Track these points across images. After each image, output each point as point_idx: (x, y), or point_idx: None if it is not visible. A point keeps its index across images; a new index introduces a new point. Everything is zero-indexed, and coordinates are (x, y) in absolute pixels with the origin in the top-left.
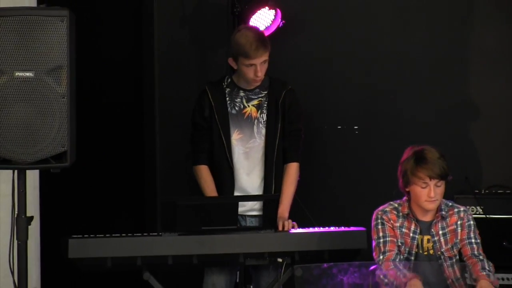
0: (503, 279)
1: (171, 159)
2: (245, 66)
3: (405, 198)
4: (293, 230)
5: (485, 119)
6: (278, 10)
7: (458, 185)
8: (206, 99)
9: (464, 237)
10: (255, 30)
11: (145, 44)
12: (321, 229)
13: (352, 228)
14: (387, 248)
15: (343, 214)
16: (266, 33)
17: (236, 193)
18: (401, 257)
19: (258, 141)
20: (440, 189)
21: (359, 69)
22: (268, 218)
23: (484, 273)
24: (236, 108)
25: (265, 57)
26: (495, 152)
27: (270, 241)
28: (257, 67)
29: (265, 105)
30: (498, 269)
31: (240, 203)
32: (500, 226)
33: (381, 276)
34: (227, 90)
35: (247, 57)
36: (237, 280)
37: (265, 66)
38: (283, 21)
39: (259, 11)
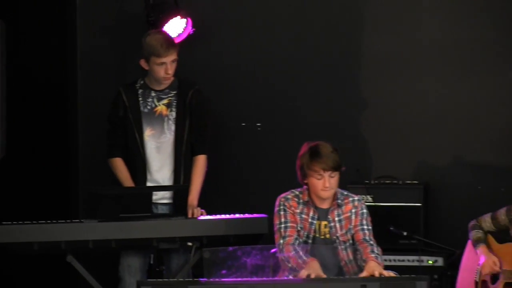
0: (390, 260)
1: (93, 153)
2: (157, 65)
3: (305, 186)
4: (201, 217)
5: (374, 118)
6: (189, 19)
7: (350, 176)
8: (121, 100)
9: (357, 223)
10: (164, 32)
11: (69, 50)
12: (227, 216)
13: (254, 215)
14: (287, 233)
15: (248, 202)
16: (178, 40)
17: (148, 184)
18: (300, 240)
19: (168, 137)
20: (334, 180)
21: (262, 72)
22: (179, 206)
23: (373, 255)
24: (148, 107)
25: (174, 56)
26: (383, 147)
27: (181, 226)
28: (167, 65)
29: (174, 104)
30: (385, 251)
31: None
32: (387, 213)
33: (284, 259)
34: (140, 91)
35: (158, 56)
36: (151, 262)
37: (174, 65)
38: (194, 29)
39: (171, 20)
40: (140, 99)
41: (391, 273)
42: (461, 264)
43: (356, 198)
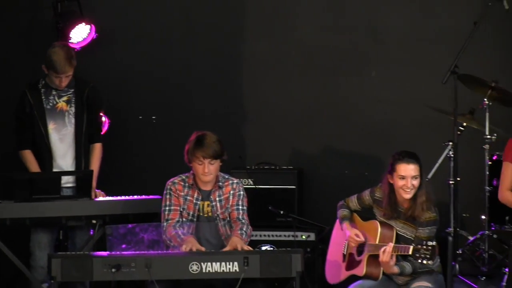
0: (268, 235)
1: (8, 144)
2: (53, 77)
3: (192, 171)
4: (104, 198)
5: (255, 112)
6: (93, 26)
7: (234, 162)
8: (26, 98)
9: (234, 203)
10: (67, 48)
11: None
12: (126, 197)
13: (150, 196)
14: (170, 216)
15: (145, 185)
16: (83, 44)
17: (55, 170)
18: (183, 220)
19: (69, 129)
20: (214, 166)
21: (159, 71)
22: (83, 189)
23: (239, 232)
24: (50, 104)
25: (70, 72)
26: (263, 137)
27: (86, 206)
28: (62, 79)
29: (73, 100)
30: (264, 228)
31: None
32: (266, 194)
33: (167, 240)
34: (42, 90)
35: (55, 72)
36: (61, 238)
37: (69, 78)
38: (97, 34)
39: (77, 26)
40: (43, 97)
41: (250, 248)
42: (331, 239)
43: (235, 181)
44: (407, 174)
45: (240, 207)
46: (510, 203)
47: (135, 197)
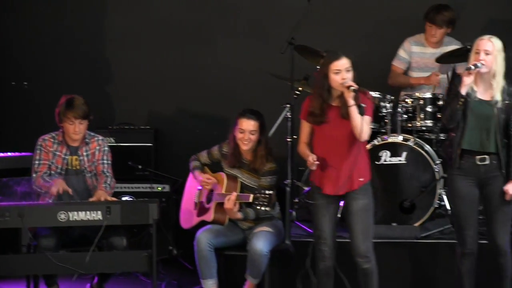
0: (129, 187)
1: None
2: None
3: (61, 129)
4: None
5: (119, 79)
6: None
7: (98, 122)
8: None
9: (99, 158)
10: None
11: None
12: (1, 154)
13: (22, 154)
14: (39, 169)
15: (22, 143)
16: None
17: None
18: (52, 173)
19: None
20: (83, 125)
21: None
22: None
23: (104, 186)
24: None
25: None
26: (124, 100)
27: None
28: None
29: None
30: (125, 181)
31: None
32: (126, 151)
33: (37, 188)
34: None
35: None
36: None
37: None
38: None
39: None
40: None
41: (114, 199)
42: (184, 190)
43: (100, 138)
44: (245, 128)
45: (105, 162)
46: (303, 154)
47: (9, 154)
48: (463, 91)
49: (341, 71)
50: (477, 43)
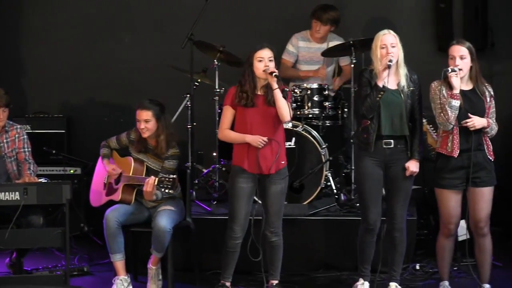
0: (45, 170)
1: None
2: None
3: None
4: None
5: (33, 70)
6: None
7: (17, 111)
8: None
9: (20, 146)
10: None
11: None
12: None
13: None
14: None
15: None
16: None
17: None
18: None
19: None
20: (5, 114)
21: None
22: None
23: (28, 172)
24: None
25: None
26: (39, 89)
27: None
28: None
29: None
30: (41, 165)
31: None
32: (42, 137)
33: None
34: None
35: None
36: None
37: None
38: None
39: None
40: None
41: (42, 180)
42: (94, 172)
43: (18, 126)
44: (140, 118)
45: (26, 150)
46: (228, 138)
47: None
48: (381, 84)
49: (264, 59)
50: (380, 38)
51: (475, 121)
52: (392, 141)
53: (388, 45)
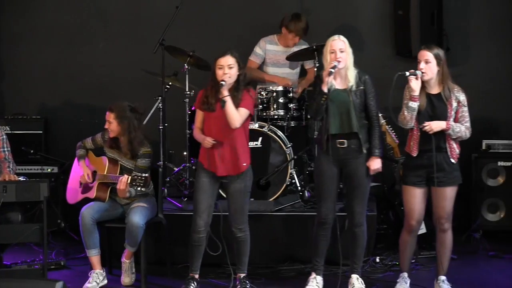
0: (24, 169)
1: None
2: None
3: None
4: None
5: (12, 73)
6: None
7: None
8: None
9: (0, 146)
10: None
11: None
12: None
13: None
14: None
15: None
16: None
17: None
18: None
19: None
20: None
21: None
22: None
23: (8, 169)
24: None
25: None
26: (17, 91)
27: None
28: None
29: None
30: (20, 163)
31: None
32: (20, 138)
33: None
34: None
35: None
36: None
37: None
38: None
39: None
40: None
41: (18, 178)
42: (70, 171)
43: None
44: (107, 118)
45: (6, 150)
46: (199, 138)
47: None
48: (325, 89)
49: (223, 67)
50: (330, 44)
51: (432, 125)
52: (345, 141)
53: (337, 50)
